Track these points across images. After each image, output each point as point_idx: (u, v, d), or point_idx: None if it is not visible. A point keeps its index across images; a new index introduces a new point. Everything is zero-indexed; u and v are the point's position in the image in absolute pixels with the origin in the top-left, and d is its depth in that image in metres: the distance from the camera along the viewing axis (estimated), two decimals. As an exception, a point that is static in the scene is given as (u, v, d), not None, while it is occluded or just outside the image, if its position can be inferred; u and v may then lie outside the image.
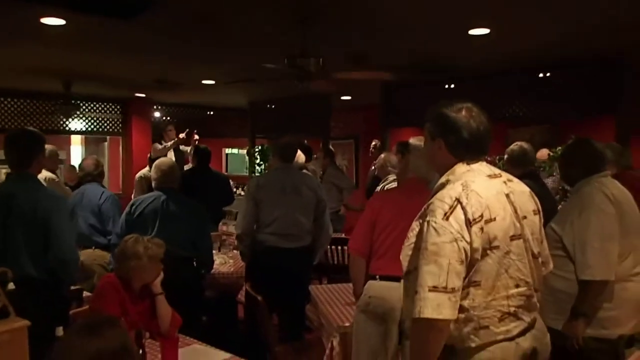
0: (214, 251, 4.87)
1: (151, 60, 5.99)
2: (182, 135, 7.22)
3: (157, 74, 6.89)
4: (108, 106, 9.03)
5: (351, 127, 9.74)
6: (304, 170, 5.26)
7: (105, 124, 9.09)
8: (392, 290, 2.59)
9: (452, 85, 6.68)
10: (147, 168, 6.31)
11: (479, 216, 1.64)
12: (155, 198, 3.56)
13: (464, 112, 1.75)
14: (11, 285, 2.30)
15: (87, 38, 4.90)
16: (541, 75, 6.12)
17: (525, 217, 1.76)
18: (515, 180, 1.86)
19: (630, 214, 2.61)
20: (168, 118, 9.59)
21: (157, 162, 3.76)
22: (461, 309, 1.64)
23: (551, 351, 1.88)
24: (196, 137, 7.17)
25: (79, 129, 8.94)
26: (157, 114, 9.59)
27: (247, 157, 9.93)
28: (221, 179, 5.88)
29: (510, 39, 4.97)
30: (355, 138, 10.05)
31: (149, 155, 7.06)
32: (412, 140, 3.80)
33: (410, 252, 1.72)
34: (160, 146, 7.05)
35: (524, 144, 4.09)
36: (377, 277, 2.81)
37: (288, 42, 4.42)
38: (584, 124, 6.45)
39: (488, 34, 4.74)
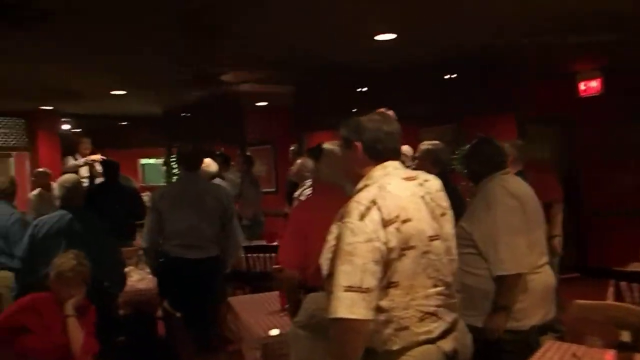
0: (131, 267, 4.70)
1: (54, 70, 5.67)
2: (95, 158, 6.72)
3: (61, 85, 6.52)
4: (11, 120, 8.48)
5: (267, 132, 9.63)
6: (218, 179, 5.18)
7: (9, 139, 8.53)
8: None
9: (365, 89, 6.80)
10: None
11: (395, 216, 1.66)
12: (60, 217, 3.38)
13: (377, 117, 1.86)
14: None
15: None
16: (447, 76, 6.38)
17: (444, 214, 1.82)
18: (431, 178, 1.90)
19: (532, 208, 2.72)
20: (79, 130, 9.11)
21: (60, 179, 3.58)
22: (381, 310, 1.64)
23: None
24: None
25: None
26: (65, 127, 9.08)
27: (163, 167, 9.64)
28: (130, 192, 5.67)
29: (414, 44, 5.15)
30: (272, 143, 9.96)
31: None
32: (326, 145, 3.77)
33: (330, 255, 1.69)
34: (73, 161, 6.66)
35: (438, 144, 3.86)
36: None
37: (195, 50, 4.35)
38: (484, 122, 6.74)
39: (394, 38, 4.89)
